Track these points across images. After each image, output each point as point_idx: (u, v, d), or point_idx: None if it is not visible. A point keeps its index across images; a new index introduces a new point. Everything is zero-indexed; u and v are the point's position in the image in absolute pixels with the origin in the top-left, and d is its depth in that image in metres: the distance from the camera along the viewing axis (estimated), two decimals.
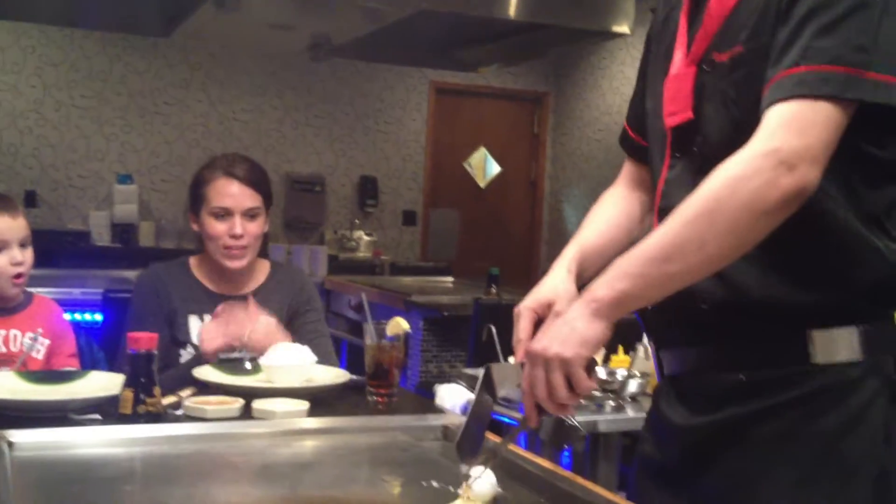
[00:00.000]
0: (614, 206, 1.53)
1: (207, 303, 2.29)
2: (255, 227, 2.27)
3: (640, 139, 1.54)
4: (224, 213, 2.26)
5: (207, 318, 2.27)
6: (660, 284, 1.18)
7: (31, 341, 2.15)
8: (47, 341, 2.21)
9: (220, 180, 2.27)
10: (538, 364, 1.19)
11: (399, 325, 1.94)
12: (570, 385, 1.18)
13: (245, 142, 6.98)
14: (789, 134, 1.14)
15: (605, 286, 1.19)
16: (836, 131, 1.15)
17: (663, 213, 1.33)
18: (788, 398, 1.22)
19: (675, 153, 1.34)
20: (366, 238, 7.30)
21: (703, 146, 1.30)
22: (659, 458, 1.37)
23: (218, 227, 2.25)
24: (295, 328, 2.29)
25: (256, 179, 2.29)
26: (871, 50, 1.14)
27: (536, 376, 1.20)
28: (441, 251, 7.58)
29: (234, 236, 2.25)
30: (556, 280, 1.38)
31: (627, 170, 1.60)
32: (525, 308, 1.34)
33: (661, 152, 1.38)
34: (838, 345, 1.21)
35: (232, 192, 2.26)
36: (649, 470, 1.39)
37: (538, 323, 1.30)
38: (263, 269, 2.39)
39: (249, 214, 2.27)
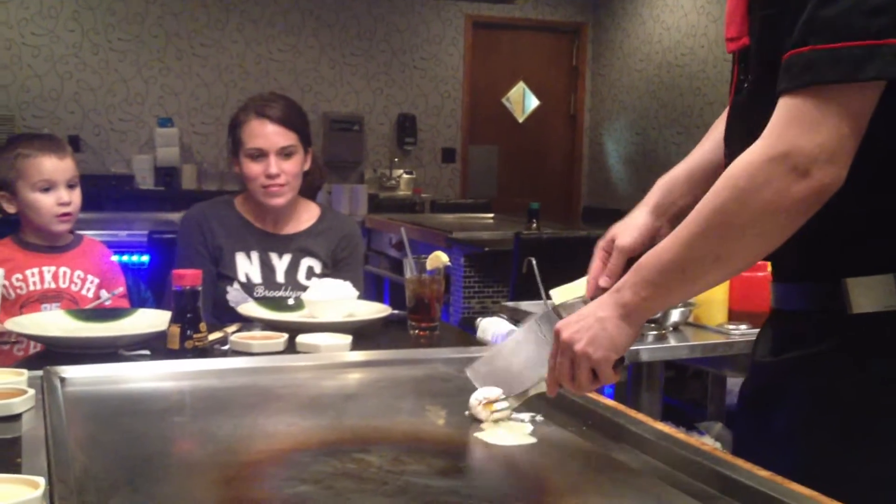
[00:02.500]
0: (720, 127, 1.44)
1: (253, 240, 2.33)
2: (291, 166, 2.28)
3: None
4: (259, 154, 2.27)
5: (254, 255, 2.31)
6: (683, 293, 1.21)
7: (108, 294, 2.21)
8: (97, 280, 2.26)
9: (253, 122, 2.28)
10: (565, 353, 1.22)
11: (439, 258, 1.95)
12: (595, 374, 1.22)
13: (282, 82, 6.97)
14: (799, 133, 1.05)
15: (631, 291, 1.19)
16: (859, 118, 1.04)
17: (727, 142, 1.31)
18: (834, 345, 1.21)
19: (741, 76, 1.28)
20: (405, 176, 7.30)
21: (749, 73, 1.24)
22: (753, 392, 1.36)
23: (254, 168, 2.27)
24: (334, 274, 2.32)
25: (288, 118, 2.29)
26: (889, 9, 1.00)
27: (563, 364, 1.23)
28: (481, 188, 7.56)
29: (270, 176, 2.26)
30: (633, 215, 1.41)
31: None
32: (597, 248, 1.40)
33: (732, 76, 1.33)
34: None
35: (265, 133, 2.27)
36: (747, 401, 1.38)
37: (607, 260, 1.38)
38: (312, 213, 2.42)
39: (284, 153, 2.27)
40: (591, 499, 1.09)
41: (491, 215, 5.66)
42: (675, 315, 2.48)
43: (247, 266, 2.31)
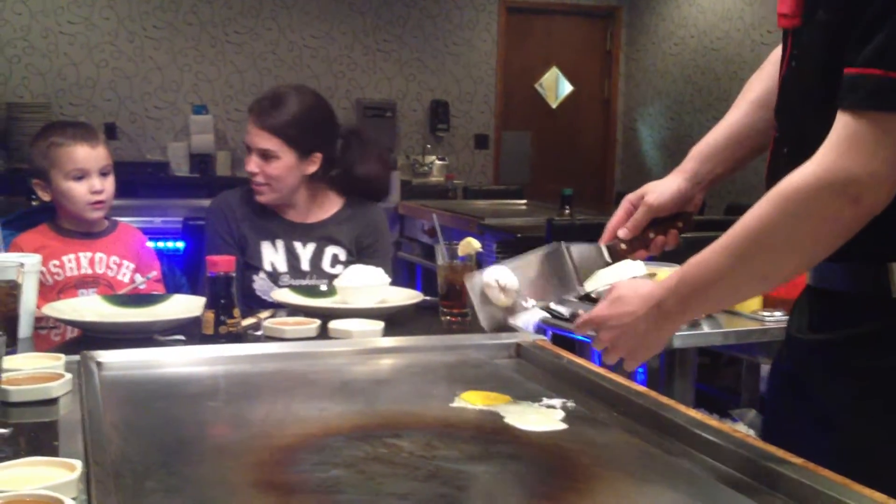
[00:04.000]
0: (755, 89, 1.46)
1: (277, 229, 2.35)
2: (272, 169, 2.30)
3: None
4: (249, 151, 2.34)
5: (279, 243, 2.33)
6: (725, 304, 1.28)
7: (142, 278, 2.24)
8: (132, 265, 2.28)
9: (249, 122, 2.35)
10: (607, 350, 1.34)
11: (470, 244, 1.95)
12: None
13: (315, 69, 7.00)
14: (855, 159, 1.08)
15: (676, 302, 1.24)
16: None
17: (778, 115, 1.31)
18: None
19: (793, 51, 1.28)
20: (438, 162, 7.30)
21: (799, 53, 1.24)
22: (791, 368, 1.36)
23: (246, 164, 2.36)
24: (360, 262, 2.33)
25: (272, 124, 2.30)
26: None
27: (604, 350, 1.34)
28: (514, 174, 7.54)
29: (251, 173, 2.33)
30: (668, 179, 1.44)
31: None
32: (625, 200, 1.46)
33: (783, 50, 1.32)
34: None
35: (251, 131, 2.33)
36: (784, 378, 1.38)
37: (631, 213, 1.45)
38: (336, 202, 2.43)
39: (265, 155, 2.30)
40: (622, 485, 1.09)
41: (523, 201, 5.64)
42: None
43: (272, 255, 2.33)
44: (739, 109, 1.44)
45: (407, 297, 2.05)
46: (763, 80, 1.43)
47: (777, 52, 1.39)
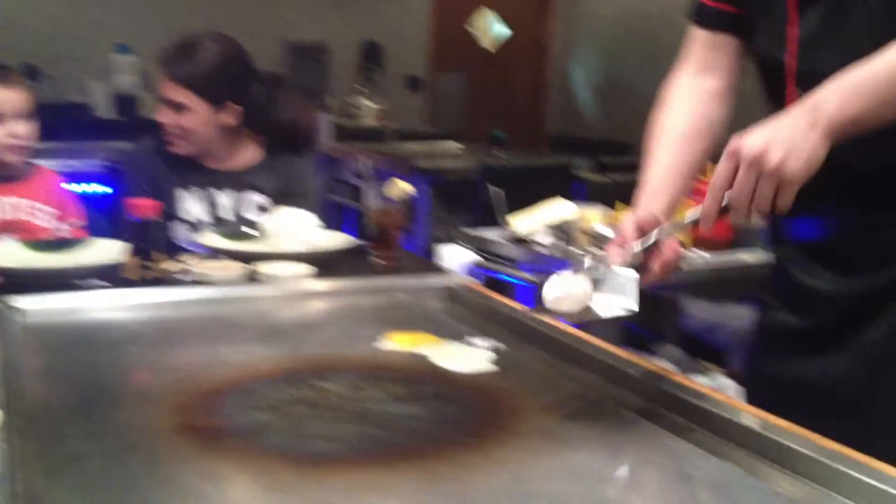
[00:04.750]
0: (688, 115, 1.36)
1: (197, 178, 2.30)
2: (185, 121, 2.25)
3: (725, 4, 1.38)
4: (161, 101, 2.31)
5: (200, 192, 2.29)
6: (892, 108, 1.09)
7: (64, 225, 2.18)
8: (52, 210, 2.22)
9: (159, 71, 2.31)
10: (753, 168, 1.05)
11: (400, 187, 1.93)
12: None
13: (244, 6, 6.82)
14: None
15: (838, 106, 1.07)
16: None
17: (805, 78, 1.23)
18: None
19: (805, 3, 1.23)
20: (371, 105, 7.21)
21: None
22: (800, 324, 1.33)
23: (158, 114, 2.33)
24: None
25: (182, 76, 2.24)
26: None
27: (744, 180, 1.05)
28: (448, 117, 7.49)
29: (164, 125, 2.29)
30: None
31: (699, 47, 1.42)
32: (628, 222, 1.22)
33: (780, 5, 1.26)
34: None
35: (161, 82, 2.29)
36: (786, 337, 1.35)
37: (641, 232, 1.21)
38: (257, 149, 2.38)
39: (175, 106, 2.25)
40: (549, 422, 1.10)
41: (458, 144, 5.62)
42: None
43: (192, 203, 2.29)
44: (672, 149, 1.35)
45: (337, 240, 2.04)
46: (679, 116, 1.37)
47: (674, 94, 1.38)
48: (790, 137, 1.05)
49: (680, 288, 2.62)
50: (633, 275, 1.14)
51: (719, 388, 2.61)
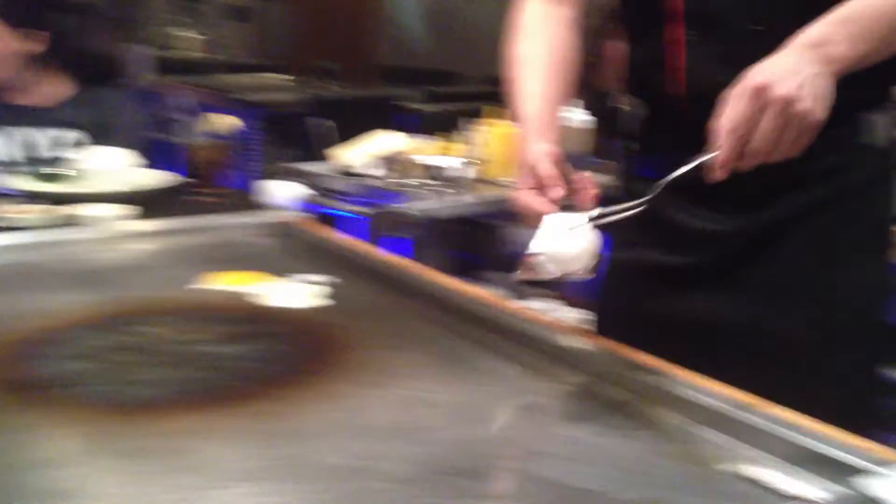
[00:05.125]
0: (549, 44, 1.29)
1: (7, 115, 2.16)
2: None
3: None
4: None
5: (12, 130, 2.15)
6: None
7: None
8: None
9: None
10: (781, 112, 0.97)
11: (226, 121, 1.87)
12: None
13: None
14: None
15: (848, 48, 1.02)
16: None
17: (696, 19, 1.19)
18: (847, 182, 1.19)
19: None
20: (194, 36, 6.92)
21: None
22: (683, 262, 1.28)
23: None
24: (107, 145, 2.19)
25: None
26: None
27: (773, 125, 0.97)
28: (275, 49, 7.29)
29: None
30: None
31: None
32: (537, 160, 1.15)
33: None
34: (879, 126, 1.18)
35: None
36: (663, 276, 1.29)
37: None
38: (69, 84, 2.24)
39: None
40: (382, 355, 1.10)
41: (287, 76, 5.49)
42: (468, 171, 2.52)
43: (4, 143, 2.15)
44: (542, 79, 1.27)
45: (160, 178, 1.95)
46: (540, 45, 1.31)
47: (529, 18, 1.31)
48: (813, 81, 0.98)
49: (512, 216, 2.68)
50: (583, 217, 1.05)
51: (552, 312, 2.70)
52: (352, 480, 0.79)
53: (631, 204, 1.03)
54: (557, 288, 3.33)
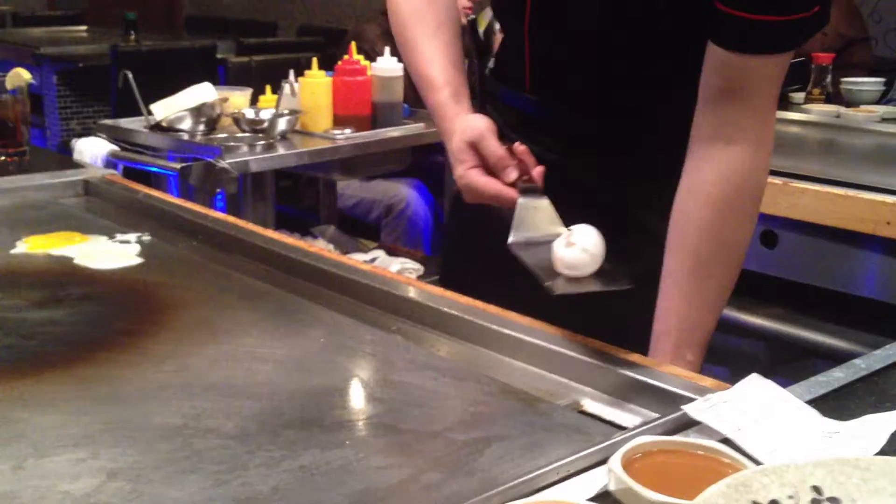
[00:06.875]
0: (434, 36, 1.20)
1: None
2: None
3: None
4: None
5: None
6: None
7: None
8: None
9: None
10: None
11: (19, 76, 1.76)
12: None
13: None
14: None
15: (694, 353, 1.07)
16: None
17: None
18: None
19: None
20: None
21: None
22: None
23: None
24: None
25: None
26: None
27: None
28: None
29: None
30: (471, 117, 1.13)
31: None
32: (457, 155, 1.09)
33: None
34: None
35: None
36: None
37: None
38: None
39: None
40: (205, 312, 1.08)
41: (84, 28, 5.21)
42: (283, 123, 2.49)
43: None
44: (437, 40, 1.20)
45: None
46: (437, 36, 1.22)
47: None
48: None
49: (330, 168, 2.67)
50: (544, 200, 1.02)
51: (380, 264, 2.72)
52: (184, 439, 0.77)
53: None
54: (387, 238, 3.36)
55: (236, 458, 0.75)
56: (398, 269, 2.76)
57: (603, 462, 0.70)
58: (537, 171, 1.04)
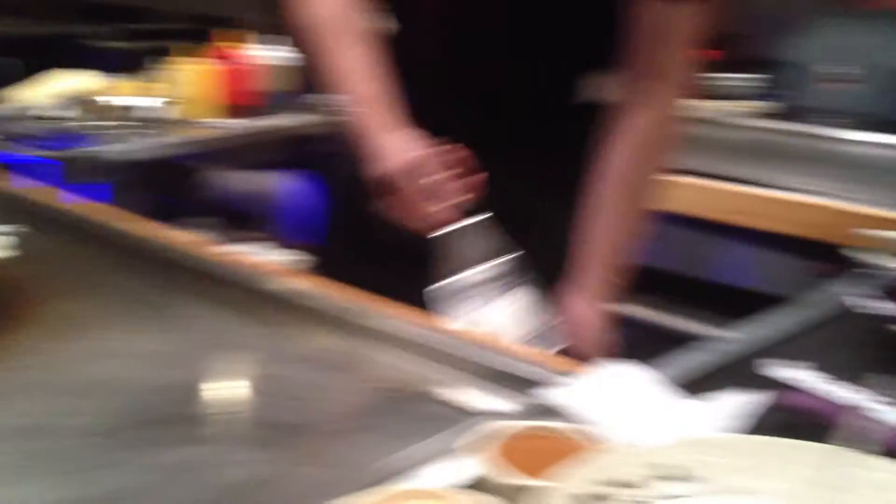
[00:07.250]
0: (361, 55, 1.17)
1: None
2: None
3: None
4: None
5: None
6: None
7: None
8: None
9: None
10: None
11: None
12: None
13: None
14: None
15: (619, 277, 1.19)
16: None
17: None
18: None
19: None
20: None
21: None
22: None
23: None
24: None
25: None
26: None
27: None
28: None
29: None
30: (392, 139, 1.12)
31: None
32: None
33: None
34: None
35: None
36: None
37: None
38: None
39: None
40: (74, 307, 1.06)
41: None
42: (165, 112, 2.44)
43: None
44: (360, 51, 1.17)
45: None
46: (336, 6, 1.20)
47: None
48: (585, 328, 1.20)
49: (215, 157, 2.63)
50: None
51: (261, 255, 2.69)
52: (43, 439, 0.75)
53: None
54: (267, 230, 3.31)
55: (97, 457, 0.73)
56: (283, 261, 2.73)
57: (467, 448, 0.72)
58: (476, 180, 1.07)
